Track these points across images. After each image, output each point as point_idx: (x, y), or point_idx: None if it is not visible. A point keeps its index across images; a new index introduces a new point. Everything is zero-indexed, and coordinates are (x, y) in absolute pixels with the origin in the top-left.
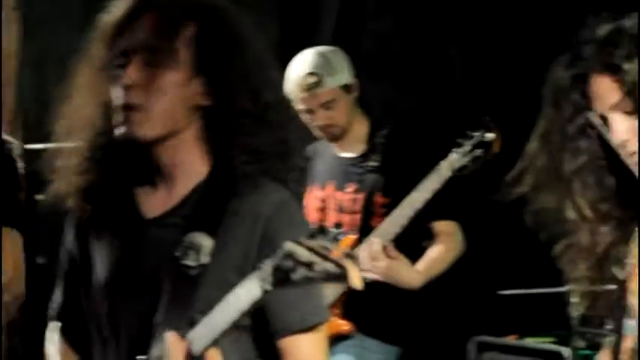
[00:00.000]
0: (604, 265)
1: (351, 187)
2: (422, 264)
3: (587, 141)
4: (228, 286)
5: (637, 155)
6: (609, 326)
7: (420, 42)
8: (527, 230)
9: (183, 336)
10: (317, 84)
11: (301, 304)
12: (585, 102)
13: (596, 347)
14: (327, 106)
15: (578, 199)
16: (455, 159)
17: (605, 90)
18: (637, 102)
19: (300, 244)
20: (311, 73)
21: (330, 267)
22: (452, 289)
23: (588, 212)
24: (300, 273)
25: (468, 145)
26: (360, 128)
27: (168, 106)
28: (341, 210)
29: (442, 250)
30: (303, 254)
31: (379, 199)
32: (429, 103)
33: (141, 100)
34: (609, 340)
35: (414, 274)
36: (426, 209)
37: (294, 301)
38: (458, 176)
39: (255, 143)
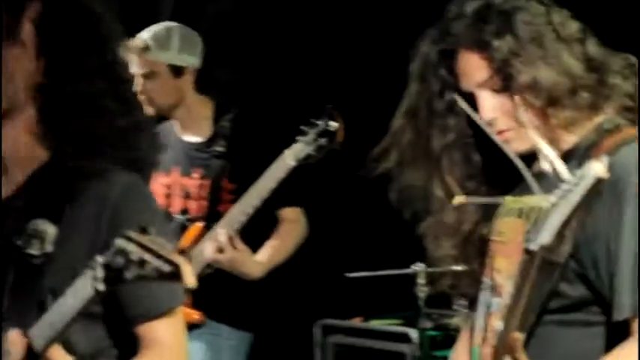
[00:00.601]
0: (469, 244)
1: (197, 173)
2: (264, 254)
3: (455, 118)
4: (75, 277)
5: (507, 133)
6: (458, 306)
7: (263, 25)
8: (371, 213)
9: (25, 332)
10: (143, 50)
11: (155, 288)
12: (453, 78)
13: (443, 328)
14: (146, 75)
15: (446, 177)
16: (299, 148)
17: (473, 67)
18: (505, 80)
19: (131, 239)
20: (141, 39)
21: (162, 265)
22: (300, 272)
23: (456, 190)
24: (132, 272)
25: (312, 134)
26: (204, 112)
27: (6, 80)
28: (187, 196)
29: (284, 238)
30: (135, 251)
31: (226, 185)
32: (274, 88)
33: None
34: (466, 319)
35: (255, 264)
36: (270, 197)
37: (147, 287)
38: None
39: (99, 126)
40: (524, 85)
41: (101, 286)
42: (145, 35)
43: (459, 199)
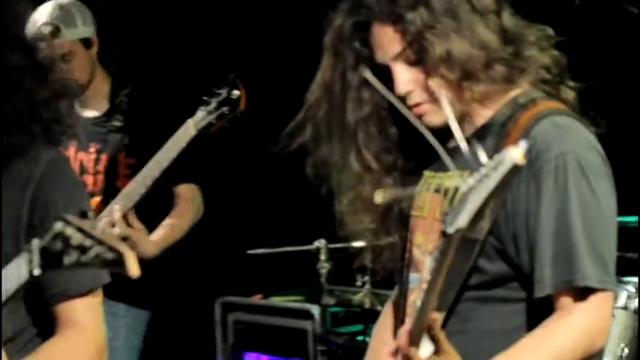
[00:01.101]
0: (387, 218)
1: (93, 147)
2: (159, 232)
3: (370, 91)
4: (3, 256)
5: (423, 107)
6: (360, 282)
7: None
8: (272, 190)
9: None
10: (53, 34)
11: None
12: (367, 51)
13: (346, 304)
14: (64, 58)
15: (363, 150)
16: (200, 117)
17: (387, 39)
18: (419, 53)
19: (70, 223)
20: (47, 23)
21: (104, 252)
22: (200, 250)
23: (373, 163)
24: (71, 257)
25: (213, 103)
26: (103, 86)
27: None
28: (84, 171)
29: (180, 217)
30: (75, 236)
31: (123, 159)
32: (172, 61)
33: None
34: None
35: (150, 244)
36: (168, 172)
37: None
38: (201, 136)
39: (17, 101)
40: (438, 58)
41: (37, 271)
42: (46, 19)
43: (379, 195)
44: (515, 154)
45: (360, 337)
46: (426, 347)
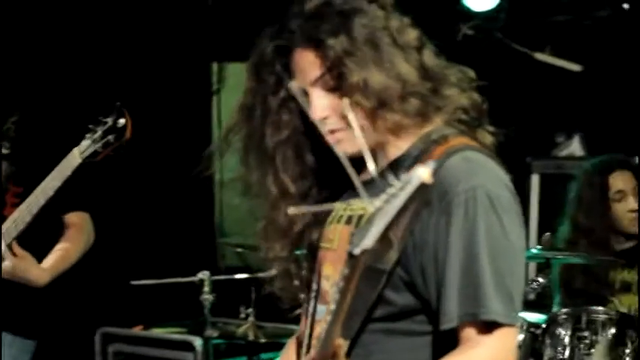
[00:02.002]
0: (299, 247)
1: None
2: (49, 260)
3: (289, 114)
4: None
5: (337, 134)
6: (244, 314)
7: (47, 24)
8: (156, 221)
9: None
10: None
11: None
12: (288, 75)
13: (229, 336)
14: None
15: (281, 175)
16: (86, 145)
17: (307, 64)
18: (337, 79)
19: None
20: None
21: None
22: (83, 279)
23: (291, 187)
24: None
25: (99, 131)
26: None
27: None
28: None
29: (70, 244)
30: None
31: (11, 188)
32: (59, 88)
33: None
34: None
35: (40, 271)
36: (57, 200)
37: None
38: (89, 166)
39: None
40: (354, 85)
41: None
42: None
43: (292, 209)
44: (423, 173)
45: None
46: None
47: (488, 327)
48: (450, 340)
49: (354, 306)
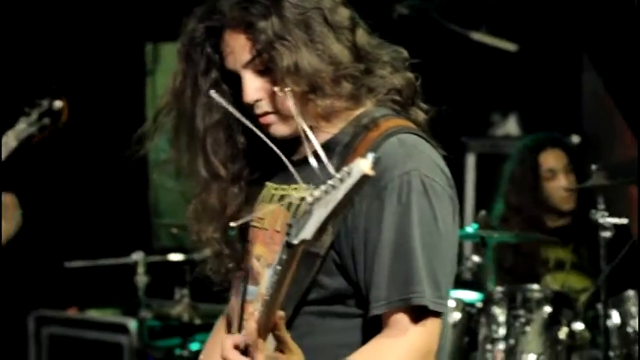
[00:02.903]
0: (229, 228)
1: None
2: None
3: (220, 97)
4: None
5: (270, 117)
6: (179, 295)
7: None
8: (89, 202)
9: None
10: None
11: None
12: (219, 57)
13: (163, 318)
14: None
15: (211, 157)
16: (21, 129)
17: (238, 47)
18: (269, 62)
19: None
20: None
21: None
22: (13, 261)
23: (221, 170)
24: None
25: (34, 114)
26: None
27: None
28: None
29: None
30: None
31: None
32: None
33: None
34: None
35: None
36: None
37: None
38: (24, 148)
39: None
40: (286, 68)
41: None
42: None
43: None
44: (364, 165)
45: (178, 351)
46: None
47: (417, 313)
48: (381, 322)
49: (288, 290)
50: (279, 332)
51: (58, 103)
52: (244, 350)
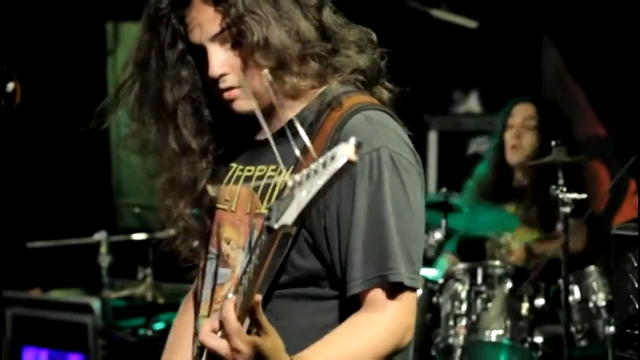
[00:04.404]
0: (199, 203)
1: None
2: None
3: (187, 69)
4: None
5: (234, 91)
6: (142, 275)
7: None
8: (51, 181)
9: None
10: None
11: None
12: (184, 29)
13: (127, 297)
14: None
15: (183, 130)
16: None
17: (206, 20)
18: (238, 36)
19: None
20: None
21: None
22: None
23: (193, 143)
24: None
25: None
26: None
27: None
28: None
29: None
30: None
31: None
32: None
33: None
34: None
35: None
36: None
37: None
38: None
39: None
40: (256, 42)
41: None
42: None
43: (212, 189)
44: (348, 150)
45: (142, 331)
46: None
47: (393, 290)
48: (356, 302)
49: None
50: (256, 315)
51: (10, 85)
52: (222, 334)
